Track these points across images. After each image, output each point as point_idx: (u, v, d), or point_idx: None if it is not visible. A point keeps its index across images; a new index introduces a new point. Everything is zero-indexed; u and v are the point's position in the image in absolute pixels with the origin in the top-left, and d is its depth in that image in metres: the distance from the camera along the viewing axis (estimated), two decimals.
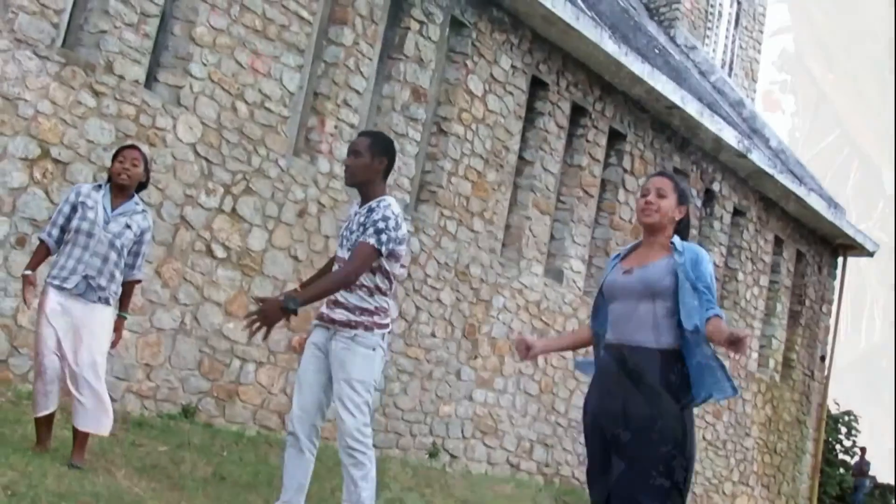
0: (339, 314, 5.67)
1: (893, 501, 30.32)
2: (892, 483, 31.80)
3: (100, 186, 6.87)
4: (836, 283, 22.95)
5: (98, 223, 6.64)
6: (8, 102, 9.12)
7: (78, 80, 9.62)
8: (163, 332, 10.40)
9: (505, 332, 14.32)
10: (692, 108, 16.74)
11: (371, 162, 5.82)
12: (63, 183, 9.49)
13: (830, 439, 28.27)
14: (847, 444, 31.06)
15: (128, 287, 6.84)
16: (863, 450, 30.69)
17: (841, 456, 30.38)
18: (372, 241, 5.61)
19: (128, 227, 6.70)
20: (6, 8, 9.11)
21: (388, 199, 5.86)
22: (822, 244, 22.27)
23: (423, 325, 12.99)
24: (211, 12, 10.65)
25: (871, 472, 31.42)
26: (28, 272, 6.77)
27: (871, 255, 22.92)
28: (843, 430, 31.05)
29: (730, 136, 17.72)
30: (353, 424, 5.54)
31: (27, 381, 9.17)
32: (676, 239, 5.12)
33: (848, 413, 31.37)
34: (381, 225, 5.64)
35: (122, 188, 6.79)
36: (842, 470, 29.56)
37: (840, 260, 22.94)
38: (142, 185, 6.98)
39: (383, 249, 5.64)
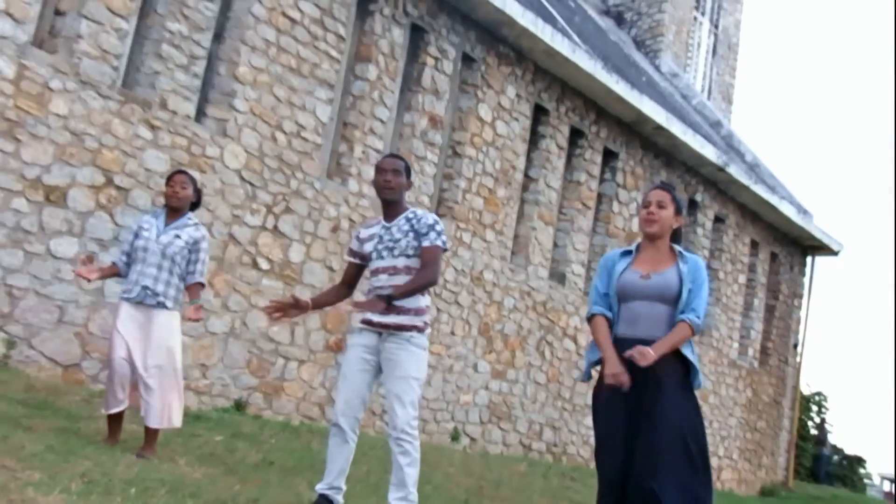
0: (393, 318, 5.54)
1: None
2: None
3: (156, 213, 6.88)
4: (806, 280, 22.87)
5: (151, 239, 6.65)
6: (75, 137, 9.11)
7: (136, 116, 9.61)
8: (215, 336, 10.37)
9: (516, 329, 14.27)
10: (676, 128, 16.67)
11: (405, 181, 5.78)
12: (125, 207, 9.48)
13: (803, 417, 28.16)
14: (818, 420, 30.97)
15: (192, 288, 6.76)
16: (822, 420, 30.71)
17: (813, 432, 30.28)
18: (438, 242, 5.59)
19: (177, 237, 6.67)
20: (72, 54, 9.11)
21: (417, 209, 5.84)
22: (793, 246, 22.18)
23: (443, 325, 12.94)
24: (251, 53, 10.64)
25: (835, 443, 31.47)
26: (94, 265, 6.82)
27: (836, 254, 22.80)
28: (815, 408, 30.96)
29: (710, 153, 17.65)
30: (406, 418, 5.47)
31: (97, 381, 9.16)
32: (680, 248, 5.12)
33: (818, 394, 31.27)
34: (438, 227, 5.62)
35: (175, 209, 6.78)
36: (813, 444, 29.47)
37: (809, 259, 22.86)
38: (194, 205, 6.94)
39: (446, 248, 5.67)
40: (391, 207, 5.79)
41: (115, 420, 6.67)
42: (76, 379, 9.12)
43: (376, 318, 5.58)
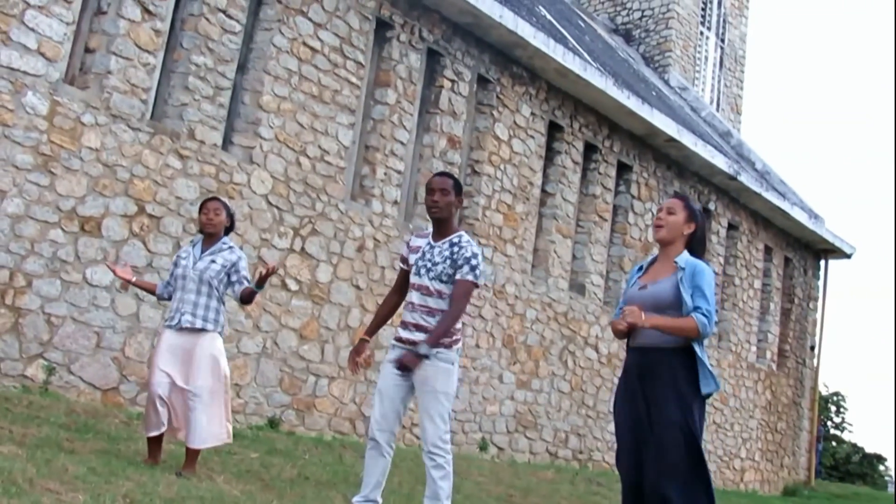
0: (420, 336, 5.53)
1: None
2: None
3: (194, 241, 6.90)
4: (820, 283, 22.72)
5: (189, 266, 6.65)
6: (108, 169, 9.17)
7: (165, 147, 9.65)
8: (248, 356, 10.39)
9: (538, 340, 14.23)
10: (687, 140, 16.63)
11: (454, 200, 5.72)
12: (158, 234, 9.52)
13: (822, 416, 27.95)
14: (837, 420, 30.75)
15: (244, 295, 6.70)
16: (819, 419, 30.57)
17: (833, 431, 30.07)
18: (470, 277, 5.57)
19: (213, 262, 6.65)
20: (102, 89, 9.17)
21: (465, 234, 5.78)
22: (805, 250, 22.05)
23: (468, 338, 12.92)
24: (274, 83, 10.68)
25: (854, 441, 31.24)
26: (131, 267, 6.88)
27: (848, 256, 22.66)
28: (833, 408, 30.76)
29: (721, 162, 17.60)
30: (436, 433, 5.46)
31: (135, 403, 9.18)
32: (681, 257, 5.09)
33: (836, 394, 31.07)
34: (473, 262, 5.58)
35: (210, 235, 6.78)
36: (834, 443, 29.24)
37: (822, 262, 22.73)
38: (228, 230, 6.94)
39: (479, 283, 5.65)
40: (440, 226, 5.74)
41: (154, 442, 6.65)
42: (115, 402, 9.15)
43: (406, 335, 5.59)
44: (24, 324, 8.57)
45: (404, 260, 5.90)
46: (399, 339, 5.64)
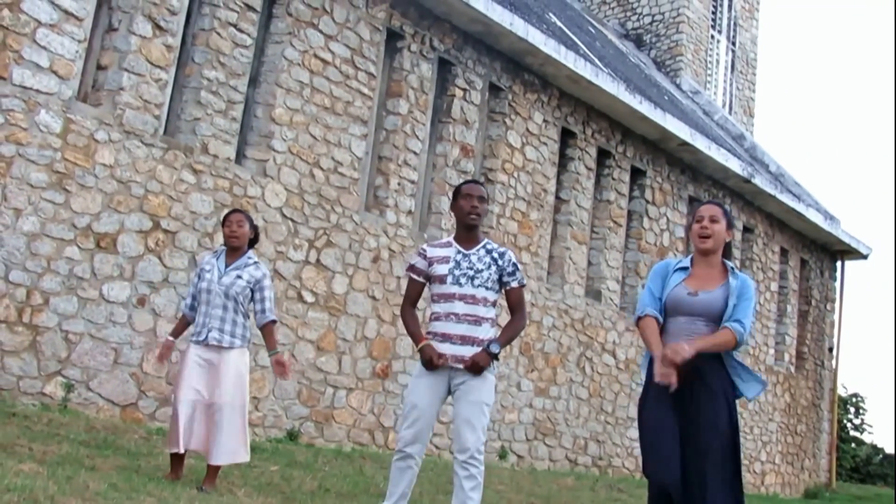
0: (468, 350, 5.45)
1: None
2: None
3: (217, 253, 6.86)
4: (837, 284, 22.61)
5: (214, 280, 6.60)
6: (122, 185, 9.18)
7: (179, 162, 9.66)
8: (266, 369, 10.36)
9: (556, 347, 14.19)
10: (700, 143, 16.58)
11: (487, 208, 5.73)
12: (173, 249, 9.53)
13: (842, 418, 27.80)
14: (856, 422, 30.56)
15: (265, 329, 6.71)
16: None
17: (852, 433, 29.88)
18: (525, 283, 5.71)
19: (239, 277, 6.61)
20: (115, 106, 9.18)
21: (490, 240, 5.83)
22: (822, 251, 21.95)
23: None
24: (287, 95, 10.69)
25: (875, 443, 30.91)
26: (170, 338, 6.81)
27: (865, 257, 22.55)
28: (852, 410, 30.56)
29: (735, 165, 17.54)
30: (476, 444, 5.37)
31: (154, 419, 9.18)
32: (731, 265, 5.10)
33: (855, 395, 30.88)
34: (518, 266, 5.67)
35: (234, 248, 6.73)
36: (854, 445, 29.05)
37: (839, 264, 22.62)
38: (252, 242, 6.91)
39: (525, 283, 5.73)
40: (472, 233, 5.68)
41: (177, 457, 6.63)
42: (134, 418, 9.14)
43: (451, 350, 5.47)
44: (41, 341, 8.58)
45: (419, 272, 5.72)
46: (444, 358, 5.49)
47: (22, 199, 8.46)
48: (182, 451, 6.50)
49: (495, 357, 5.44)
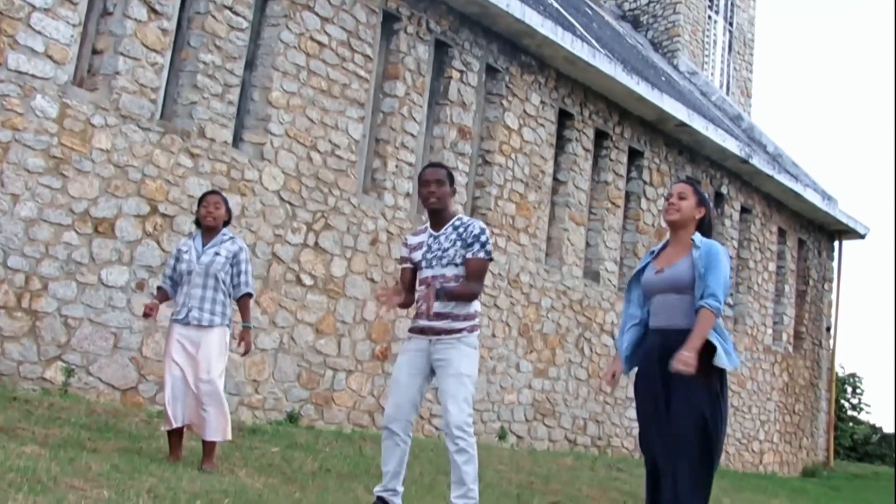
0: (443, 324, 5.51)
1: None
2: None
3: (193, 235, 6.93)
4: (835, 264, 22.64)
5: (192, 260, 6.69)
6: (119, 170, 9.18)
7: (176, 146, 9.66)
8: (266, 352, 10.40)
9: (554, 328, 14.22)
10: (698, 124, 16.58)
11: (449, 189, 5.71)
12: (171, 234, 9.53)
13: (840, 398, 27.87)
14: (854, 401, 30.61)
15: (242, 302, 6.83)
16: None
17: (850, 412, 29.94)
18: (482, 254, 5.57)
19: (217, 254, 6.70)
20: (111, 90, 9.18)
21: (464, 215, 5.82)
22: (819, 231, 21.97)
23: (484, 328, 12.89)
24: (283, 78, 10.68)
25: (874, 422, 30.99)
26: (155, 300, 6.84)
27: (862, 237, 22.57)
28: (850, 389, 30.61)
29: (732, 146, 17.54)
30: (461, 417, 5.41)
31: (155, 402, 9.20)
32: (697, 236, 5.17)
33: (853, 375, 30.92)
34: (482, 238, 5.58)
35: (210, 228, 6.82)
36: (851, 424, 29.12)
37: (836, 244, 22.65)
38: (226, 223, 6.97)
39: (491, 257, 5.66)
40: (438, 216, 5.73)
41: (175, 438, 6.69)
42: (135, 401, 9.17)
43: (427, 323, 5.54)
44: (41, 327, 8.59)
45: (405, 259, 5.84)
46: (419, 330, 5.60)
47: (19, 185, 8.46)
48: (175, 425, 6.58)
49: (437, 294, 5.40)
